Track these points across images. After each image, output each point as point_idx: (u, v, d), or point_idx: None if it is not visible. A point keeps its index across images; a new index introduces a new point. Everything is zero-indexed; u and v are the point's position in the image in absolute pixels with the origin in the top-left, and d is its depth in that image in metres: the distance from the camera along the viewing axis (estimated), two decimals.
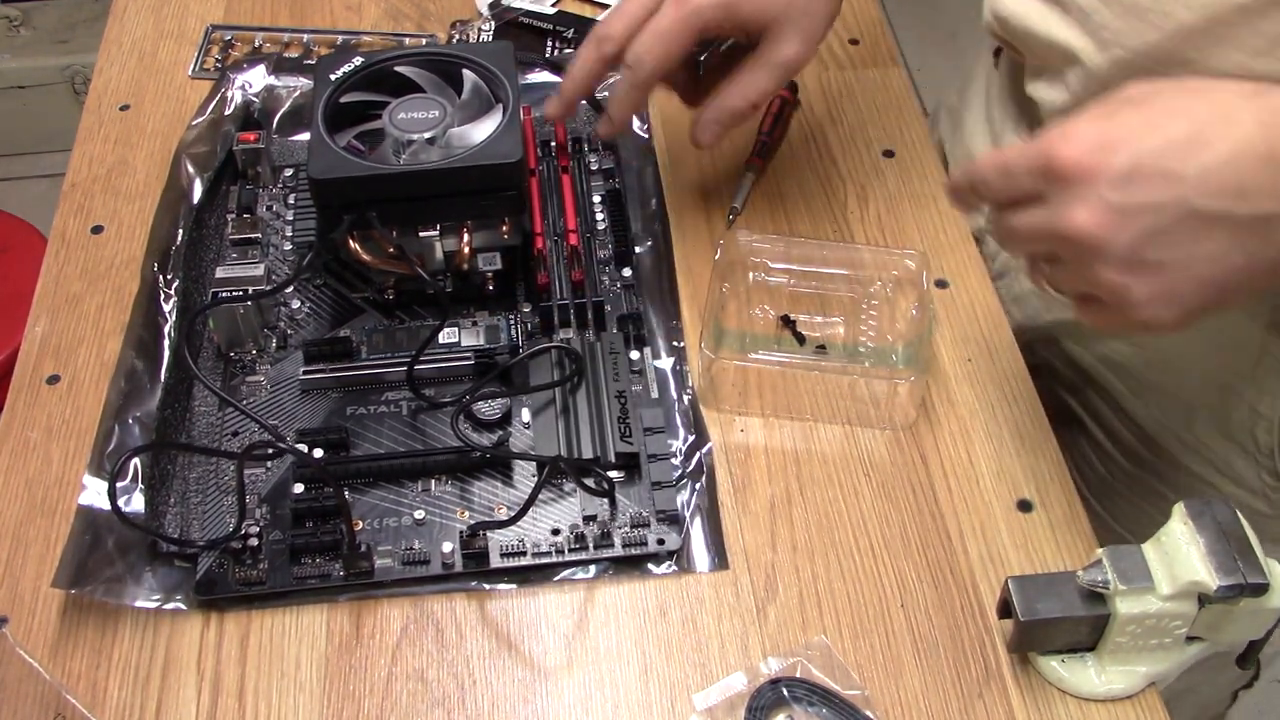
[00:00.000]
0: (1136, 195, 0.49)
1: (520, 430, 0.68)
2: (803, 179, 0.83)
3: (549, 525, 0.64)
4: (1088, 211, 0.50)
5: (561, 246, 0.76)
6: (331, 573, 0.62)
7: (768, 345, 0.72)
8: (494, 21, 0.93)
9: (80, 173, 0.83)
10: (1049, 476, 0.67)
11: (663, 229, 0.78)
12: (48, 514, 0.65)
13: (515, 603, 0.62)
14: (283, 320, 0.73)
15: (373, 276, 0.73)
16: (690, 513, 0.65)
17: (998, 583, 0.62)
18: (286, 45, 0.93)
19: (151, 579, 0.62)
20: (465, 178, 0.68)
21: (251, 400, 0.69)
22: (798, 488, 0.66)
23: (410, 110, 0.71)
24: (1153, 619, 0.55)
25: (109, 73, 0.91)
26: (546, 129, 0.83)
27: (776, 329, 0.73)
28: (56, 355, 0.72)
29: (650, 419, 0.68)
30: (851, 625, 0.61)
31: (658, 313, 0.74)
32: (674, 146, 0.85)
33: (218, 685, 0.59)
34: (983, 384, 0.71)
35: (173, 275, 0.74)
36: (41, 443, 0.68)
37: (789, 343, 0.72)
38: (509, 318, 0.74)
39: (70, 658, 0.60)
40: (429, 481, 0.66)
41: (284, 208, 0.80)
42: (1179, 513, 0.55)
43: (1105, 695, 0.58)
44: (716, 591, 0.62)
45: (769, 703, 0.57)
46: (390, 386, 0.70)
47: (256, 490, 0.65)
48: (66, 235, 0.79)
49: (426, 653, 0.60)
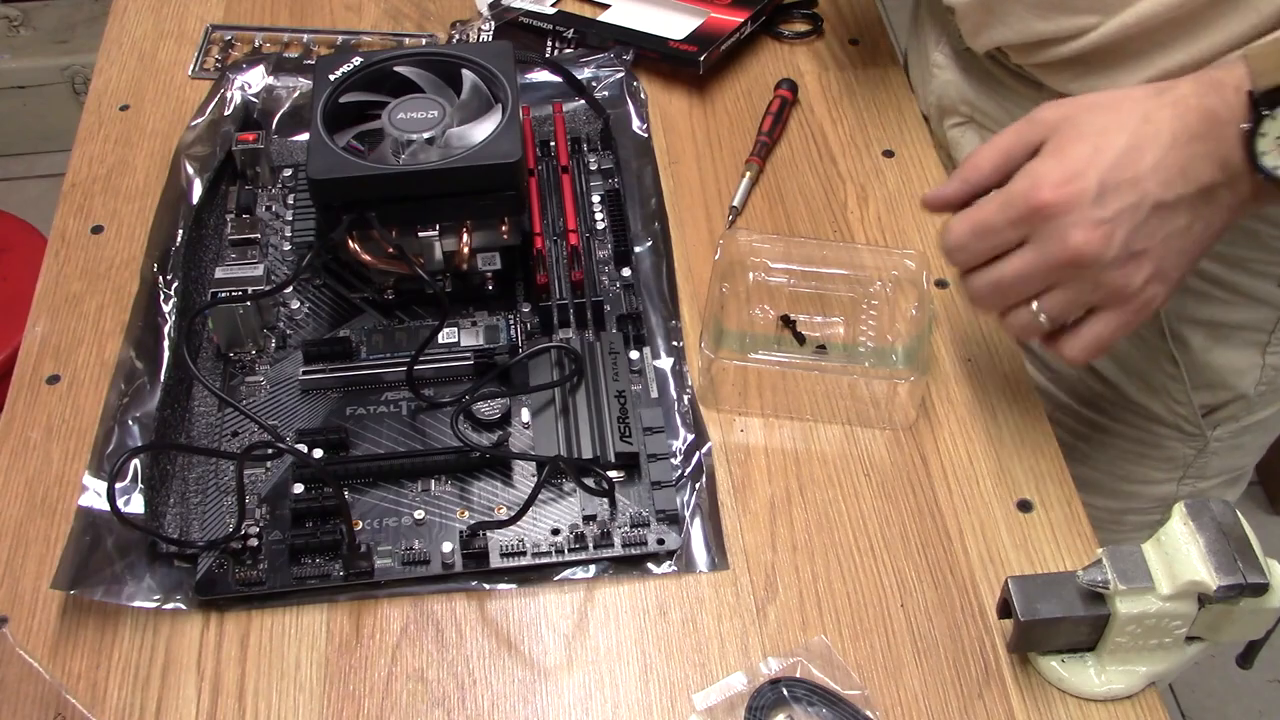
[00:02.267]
0: (1114, 204, 0.57)
1: (520, 430, 0.68)
2: (803, 179, 0.83)
3: (549, 525, 0.64)
4: (1082, 232, 0.57)
5: (561, 246, 0.76)
6: (331, 573, 0.62)
7: (768, 345, 0.72)
8: (494, 21, 0.93)
9: (80, 173, 0.83)
10: (1049, 476, 0.67)
11: (662, 229, 0.78)
12: (48, 514, 0.65)
13: (515, 603, 0.62)
14: (282, 320, 0.73)
15: (372, 276, 0.73)
16: (690, 513, 0.65)
17: (998, 583, 0.62)
18: (286, 45, 0.93)
19: (151, 579, 0.62)
20: (464, 178, 0.68)
21: (251, 400, 0.69)
22: (798, 488, 0.66)
23: (409, 110, 0.71)
24: (1153, 619, 0.55)
25: (109, 73, 0.91)
26: (546, 129, 0.83)
27: (776, 329, 0.73)
28: (56, 355, 0.72)
29: (650, 419, 0.68)
30: (851, 625, 0.61)
31: (657, 313, 0.74)
32: (674, 146, 0.85)
33: (218, 685, 0.59)
34: (983, 384, 0.71)
35: (172, 275, 0.74)
36: (41, 443, 0.68)
37: (789, 343, 0.72)
38: (508, 318, 0.74)
39: (70, 658, 0.60)
40: (429, 481, 0.66)
41: (283, 208, 0.80)
42: (1179, 512, 0.55)
43: (1105, 695, 0.58)
44: (716, 591, 0.62)
45: (769, 703, 0.57)
46: (390, 386, 0.70)
47: (256, 490, 0.65)
48: (66, 235, 0.79)
49: (426, 653, 0.60)
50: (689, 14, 0.91)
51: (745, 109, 0.88)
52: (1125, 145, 0.58)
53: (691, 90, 0.89)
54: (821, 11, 0.95)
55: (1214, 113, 0.57)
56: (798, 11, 0.95)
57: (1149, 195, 0.57)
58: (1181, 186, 0.58)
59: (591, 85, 0.87)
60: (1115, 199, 0.57)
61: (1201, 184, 0.58)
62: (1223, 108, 0.57)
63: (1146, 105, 0.59)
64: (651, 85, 0.89)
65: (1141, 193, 0.57)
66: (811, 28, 0.94)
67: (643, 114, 0.86)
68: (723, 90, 0.89)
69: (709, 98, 0.89)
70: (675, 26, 0.90)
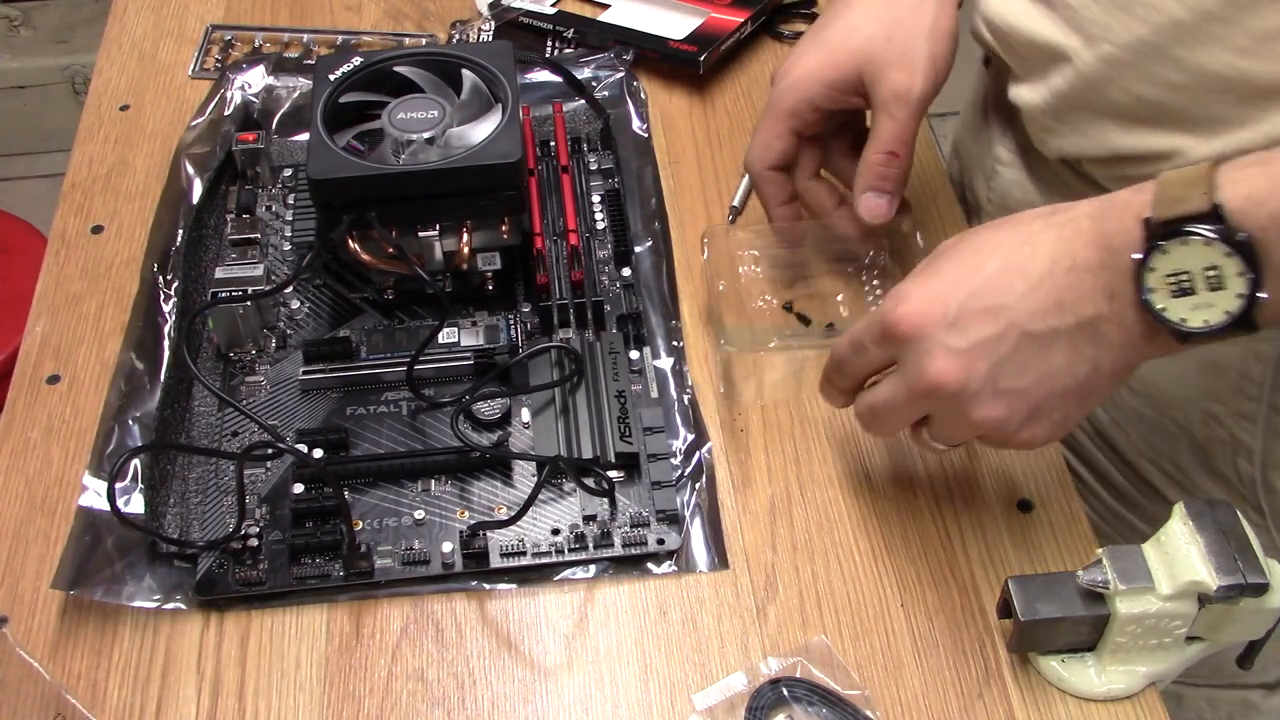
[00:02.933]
0: (971, 334, 0.53)
1: (520, 430, 0.68)
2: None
3: (549, 525, 0.64)
4: (938, 361, 0.53)
5: (561, 246, 0.76)
6: (331, 573, 0.62)
7: (780, 334, 0.72)
8: (494, 21, 0.93)
9: (80, 173, 0.83)
10: (1049, 476, 0.67)
11: (662, 229, 0.78)
12: (48, 514, 0.65)
13: (515, 603, 0.62)
14: (282, 320, 0.73)
15: (372, 276, 0.73)
16: (690, 512, 0.65)
17: (998, 583, 0.62)
18: (286, 45, 0.93)
19: (151, 579, 0.62)
20: (464, 178, 0.68)
21: (251, 400, 0.69)
22: (798, 488, 0.66)
23: (409, 110, 0.71)
24: (1153, 619, 0.55)
25: (109, 73, 0.91)
26: (546, 129, 0.83)
27: (782, 317, 0.73)
28: (56, 355, 0.72)
29: (650, 419, 0.68)
30: (851, 625, 0.61)
31: (657, 313, 0.74)
32: (674, 146, 0.85)
33: (218, 685, 0.59)
34: None
35: (172, 275, 0.74)
36: (41, 443, 0.68)
37: (796, 329, 0.72)
38: (508, 318, 0.74)
39: (70, 658, 0.60)
40: (429, 481, 0.66)
41: (283, 208, 0.80)
42: (1179, 513, 0.55)
43: (1105, 695, 0.58)
44: (716, 591, 0.62)
45: (769, 703, 0.57)
46: (390, 386, 0.70)
47: (256, 490, 0.65)
48: (66, 235, 0.79)
49: (426, 653, 0.60)
50: (689, 14, 0.91)
51: (745, 109, 0.88)
52: (997, 268, 0.53)
53: (691, 90, 0.89)
54: (821, 11, 0.95)
55: (1107, 239, 0.52)
56: (798, 11, 0.95)
57: (1015, 326, 0.52)
58: (1055, 318, 0.52)
59: (591, 85, 0.87)
60: (975, 327, 0.53)
61: (1082, 317, 0.52)
62: (1119, 234, 0.51)
63: (1032, 226, 0.54)
64: (651, 85, 0.89)
65: (1007, 322, 0.52)
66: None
67: (643, 114, 0.86)
68: (723, 90, 0.89)
69: (709, 98, 0.89)
70: (675, 26, 0.90)
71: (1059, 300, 0.52)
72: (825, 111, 0.69)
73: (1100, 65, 0.64)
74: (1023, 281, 0.52)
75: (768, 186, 0.72)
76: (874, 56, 0.66)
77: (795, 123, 0.70)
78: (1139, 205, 0.51)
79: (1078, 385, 0.53)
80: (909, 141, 0.67)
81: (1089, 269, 0.52)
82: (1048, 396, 0.54)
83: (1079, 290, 0.52)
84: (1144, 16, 0.61)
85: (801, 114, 0.69)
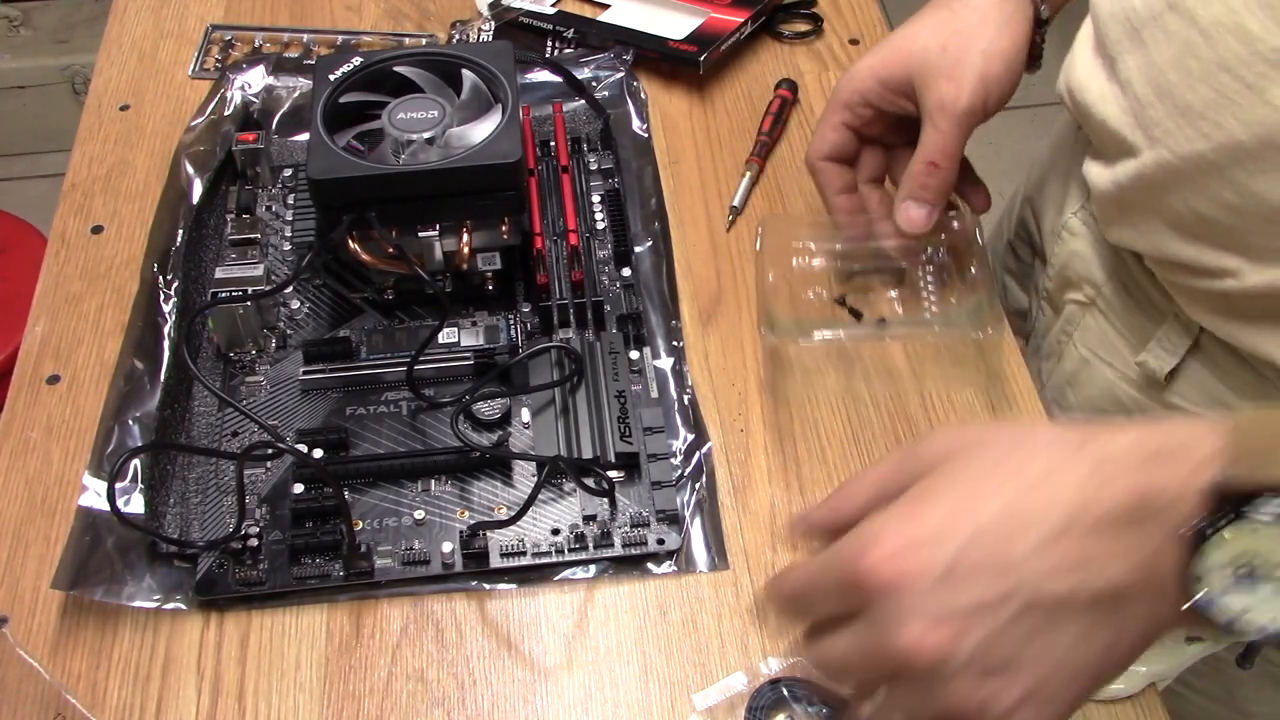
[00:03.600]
0: (964, 596, 0.41)
1: (520, 430, 0.68)
2: (802, 178, 0.83)
3: (549, 525, 0.64)
4: (917, 625, 0.41)
5: (561, 246, 0.76)
6: (331, 573, 0.62)
7: (830, 327, 0.71)
8: (494, 21, 0.93)
9: (80, 173, 0.83)
10: None
11: (662, 229, 0.78)
12: (48, 514, 0.65)
13: (515, 603, 0.62)
14: (282, 320, 0.73)
15: (372, 276, 0.73)
16: (690, 513, 0.65)
17: None
18: (286, 45, 0.93)
19: (151, 579, 0.62)
20: (464, 178, 0.68)
21: (251, 400, 0.69)
22: (798, 487, 0.66)
23: (409, 110, 0.71)
24: None
25: (109, 73, 0.91)
26: (546, 129, 0.83)
27: (832, 310, 0.72)
28: (56, 355, 0.72)
29: (650, 419, 0.68)
30: None
31: (657, 312, 0.74)
32: (674, 146, 0.85)
33: (218, 685, 0.59)
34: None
35: (172, 275, 0.74)
36: (41, 443, 0.68)
37: (847, 322, 0.72)
38: (508, 318, 0.74)
39: (70, 658, 0.60)
40: (429, 481, 0.66)
41: (283, 208, 0.80)
42: None
43: (1105, 695, 0.58)
44: (716, 591, 0.62)
45: (769, 703, 0.57)
46: (390, 386, 0.70)
47: (256, 490, 0.65)
48: (66, 235, 0.79)
49: (426, 653, 0.60)
50: (689, 14, 0.91)
51: (745, 109, 0.88)
52: (1001, 510, 0.42)
53: (691, 90, 0.89)
54: (821, 11, 0.95)
55: (1150, 495, 0.40)
56: (798, 11, 0.95)
57: (1021, 588, 0.41)
58: (1076, 580, 0.41)
59: (591, 85, 0.87)
60: (970, 587, 0.41)
61: (1104, 586, 0.41)
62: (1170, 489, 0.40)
63: (1056, 455, 0.42)
64: (651, 85, 0.89)
65: (1011, 583, 0.41)
66: (811, 28, 0.94)
67: (643, 114, 0.86)
68: (723, 90, 0.89)
69: (709, 98, 0.89)
70: (675, 26, 0.90)
71: (1082, 559, 0.41)
72: (878, 109, 0.70)
73: (1158, 171, 0.60)
74: (1035, 532, 0.41)
75: (820, 176, 0.73)
76: (926, 64, 0.66)
77: (848, 116, 0.70)
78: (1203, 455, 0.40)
79: (1094, 659, 0.42)
80: (951, 154, 0.66)
81: (1122, 527, 0.41)
82: (1052, 674, 0.42)
83: (1107, 551, 0.41)
84: (1206, 132, 0.57)
85: (854, 108, 0.70)
